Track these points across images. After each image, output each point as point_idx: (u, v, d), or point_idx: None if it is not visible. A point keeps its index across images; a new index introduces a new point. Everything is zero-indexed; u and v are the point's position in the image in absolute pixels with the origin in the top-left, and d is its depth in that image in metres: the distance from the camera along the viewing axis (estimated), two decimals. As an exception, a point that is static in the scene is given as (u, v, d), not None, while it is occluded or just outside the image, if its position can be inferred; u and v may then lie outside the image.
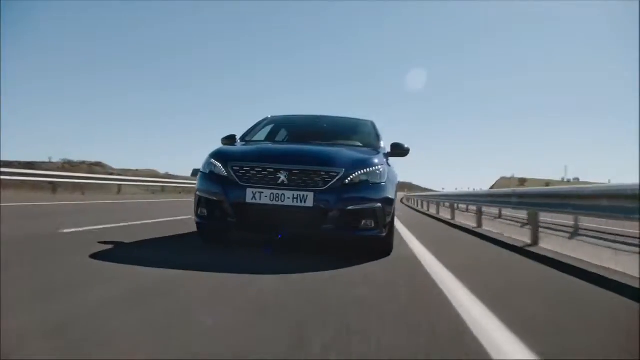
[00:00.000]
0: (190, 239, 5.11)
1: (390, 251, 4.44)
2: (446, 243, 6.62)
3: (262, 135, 5.88)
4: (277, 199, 3.88)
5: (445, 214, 14.91)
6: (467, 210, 20.53)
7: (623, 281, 3.43)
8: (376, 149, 5.14)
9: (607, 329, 2.38)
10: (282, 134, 6.18)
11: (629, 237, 8.99)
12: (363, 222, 4.00)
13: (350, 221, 3.97)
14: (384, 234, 4.19)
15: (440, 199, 17.86)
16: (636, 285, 3.25)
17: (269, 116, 6.33)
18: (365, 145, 5.37)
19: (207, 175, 4.32)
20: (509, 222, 13.35)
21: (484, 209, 10.94)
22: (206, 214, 4.21)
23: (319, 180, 3.98)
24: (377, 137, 5.68)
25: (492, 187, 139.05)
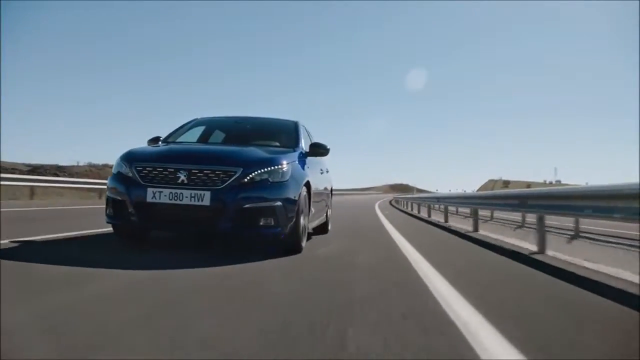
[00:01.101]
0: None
1: (299, 249, 4.26)
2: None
3: (187, 136, 5.53)
4: (176, 198, 3.78)
5: (439, 218, 13.91)
6: (457, 212, 19.48)
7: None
8: (292, 149, 4.93)
9: None
10: (206, 135, 5.81)
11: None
12: (262, 220, 3.87)
13: (249, 219, 3.85)
14: (287, 232, 4.02)
15: (432, 201, 16.91)
16: None
17: (196, 118, 6.02)
18: (283, 146, 5.15)
19: (115, 176, 4.21)
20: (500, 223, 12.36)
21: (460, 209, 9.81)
22: (113, 213, 4.11)
23: (216, 179, 3.86)
24: (297, 138, 5.37)
25: (478, 189, 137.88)
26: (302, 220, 4.30)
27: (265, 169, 4.01)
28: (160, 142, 5.12)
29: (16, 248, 3.89)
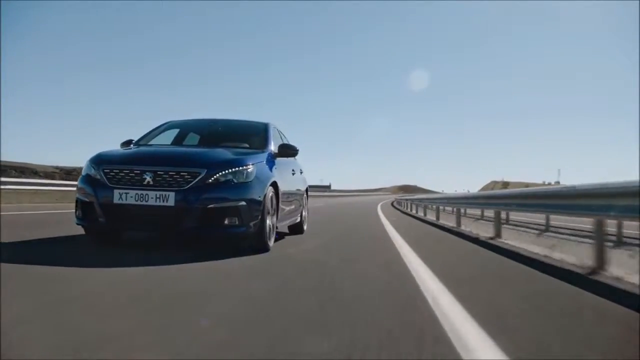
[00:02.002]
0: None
1: (266, 248, 4.06)
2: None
3: (159, 139, 5.22)
4: (141, 199, 3.63)
5: (447, 221, 12.36)
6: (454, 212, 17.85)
7: None
8: (261, 150, 4.72)
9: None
10: (179, 137, 5.51)
11: None
12: (227, 219, 3.73)
13: (213, 219, 3.72)
14: (252, 231, 3.87)
15: (436, 202, 15.35)
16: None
17: (169, 120, 5.68)
18: (254, 147, 4.94)
19: (84, 178, 4.02)
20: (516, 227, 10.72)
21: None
22: (82, 215, 3.94)
23: (181, 181, 3.70)
24: (266, 139, 5.11)
25: (480, 190, 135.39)
26: (268, 220, 4.10)
27: (230, 170, 3.84)
28: (132, 145, 4.90)
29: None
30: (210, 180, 3.72)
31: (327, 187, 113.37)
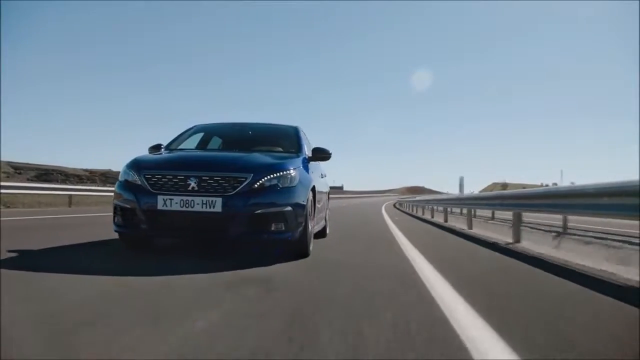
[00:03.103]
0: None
1: (307, 253, 3.81)
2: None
3: (188, 143, 4.90)
4: (187, 205, 3.32)
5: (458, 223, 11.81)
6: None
7: None
8: (296, 154, 4.43)
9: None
10: (208, 141, 5.23)
11: None
12: (273, 225, 3.44)
13: (260, 224, 3.41)
14: (297, 237, 3.59)
15: (440, 203, 14.78)
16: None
17: (196, 125, 5.28)
18: (286, 151, 4.70)
19: (122, 184, 3.71)
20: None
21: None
22: (122, 221, 3.62)
23: (227, 186, 3.40)
24: (299, 143, 4.85)
25: (481, 191, 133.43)
26: (309, 225, 3.90)
27: (274, 175, 3.59)
28: (163, 150, 4.56)
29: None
30: (255, 186, 3.46)
31: (339, 188, 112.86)
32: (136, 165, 3.72)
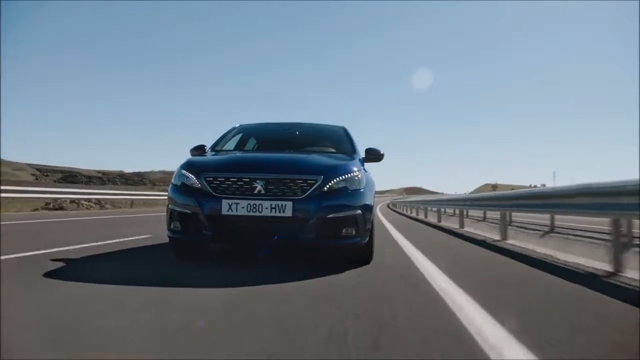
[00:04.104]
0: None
1: (370, 259, 3.52)
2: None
3: (232, 144, 4.52)
4: (254, 210, 3.00)
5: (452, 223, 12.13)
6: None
7: None
8: (350, 155, 4.06)
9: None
10: (253, 142, 4.82)
11: None
12: (344, 230, 3.14)
13: (331, 230, 3.11)
14: (364, 242, 3.29)
15: (431, 204, 15.15)
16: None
17: (237, 125, 4.89)
18: (338, 152, 4.25)
19: (178, 188, 3.31)
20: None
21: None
22: (180, 227, 3.21)
23: (296, 189, 3.09)
24: (351, 143, 4.48)
25: (472, 192, 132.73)
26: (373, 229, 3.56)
27: (343, 177, 3.25)
28: (209, 151, 4.16)
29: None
30: (325, 188, 3.13)
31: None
32: (194, 167, 3.35)
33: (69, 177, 74.10)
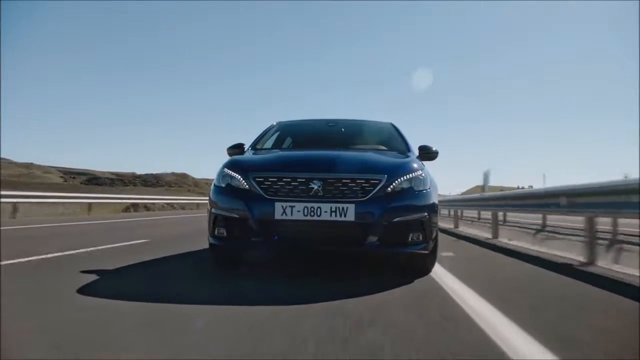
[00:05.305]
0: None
1: (431, 270, 2.95)
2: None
3: (272, 142, 4.03)
4: (312, 213, 2.51)
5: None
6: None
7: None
8: (405, 153, 3.46)
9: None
10: (296, 140, 4.22)
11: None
12: (411, 235, 2.63)
13: (398, 235, 2.61)
14: (430, 248, 2.77)
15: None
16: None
17: (275, 122, 4.32)
18: (390, 149, 3.63)
19: (223, 189, 2.81)
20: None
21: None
22: (225, 233, 2.72)
23: (358, 190, 2.59)
24: (403, 140, 3.87)
25: (463, 193, 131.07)
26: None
27: (407, 177, 2.73)
28: (249, 150, 3.64)
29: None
30: (389, 189, 2.64)
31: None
32: (240, 166, 2.86)
33: (93, 179, 74.27)
